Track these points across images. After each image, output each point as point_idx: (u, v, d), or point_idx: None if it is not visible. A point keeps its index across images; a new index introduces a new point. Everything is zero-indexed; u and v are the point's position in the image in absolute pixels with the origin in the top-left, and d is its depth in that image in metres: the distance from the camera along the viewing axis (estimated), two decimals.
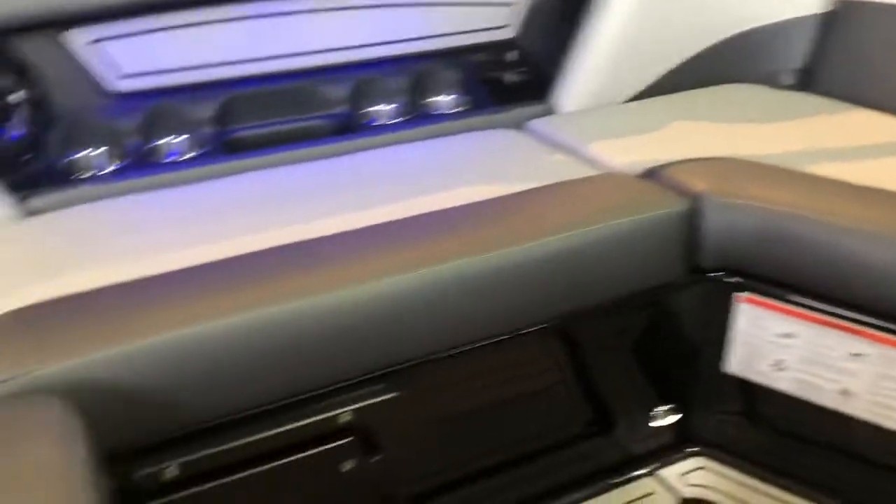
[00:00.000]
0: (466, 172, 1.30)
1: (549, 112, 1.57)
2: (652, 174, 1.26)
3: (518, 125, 1.53)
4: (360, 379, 1.00)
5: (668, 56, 1.64)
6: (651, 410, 1.32)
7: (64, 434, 0.72)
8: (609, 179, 1.24)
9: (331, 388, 0.97)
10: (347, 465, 1.03)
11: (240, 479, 0.96)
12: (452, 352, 1.06)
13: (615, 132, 1.43)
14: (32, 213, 1.21)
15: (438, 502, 1.18)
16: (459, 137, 1.46)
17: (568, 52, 1.60)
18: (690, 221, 1.15)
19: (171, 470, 0.92)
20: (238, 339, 0.88)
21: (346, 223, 1.10)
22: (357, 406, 1.01)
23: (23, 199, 1.21)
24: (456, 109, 1.61)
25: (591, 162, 1.32)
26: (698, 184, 1.19)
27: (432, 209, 1.14)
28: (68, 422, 0.74)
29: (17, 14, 1.15)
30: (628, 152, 1.33)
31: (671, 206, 1.15)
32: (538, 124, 1.50)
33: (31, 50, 1.30)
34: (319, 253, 1.02)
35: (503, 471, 1.23)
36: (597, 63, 1.57)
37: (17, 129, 1.28)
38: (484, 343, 1.08)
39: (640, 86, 1.62)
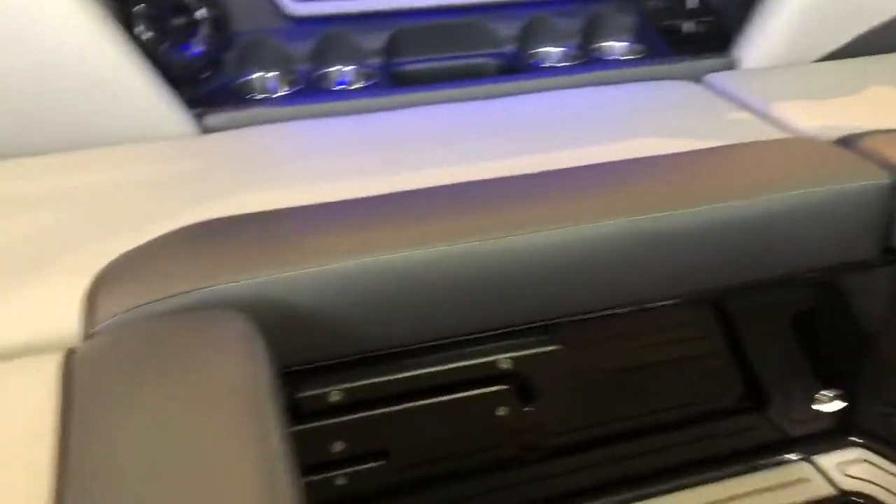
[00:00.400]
0: (641, 124, 1.23)
1: (731, 66, 1.47)
2: (848, 142, 1.15)
3: (696, 78, 1.44)
4: (523, 328, 0.97)
5: (867, 15, 1.49)
6: (813, 394, 1.24)
7: (248, 349, 0.73)
8: (801, 144, 1.15)
9: (494, 332, 0.95)
10: (501, 411, 1.01)
11: (396, 411, 0.97)
12: (615, 311, 1.02)
13: (806, 93, 1.32)
14: (207, 130, 1.24)
15: (581, 458, 1.16)
16: (632, 87, 1.39)
17: (754, 3, 1.49)
18: (891, 196, 1.05)
19: (334, 395, 0.93)
20: (413, 272, 0.86)
21: (516, 167, 1.06)
22: (517, 354, 0.99)
23: (199, 115, 1.24)
24: (629, 57, 1.53)
25: (778, 124, 1.23)
26: None
27: (604, 159, 1.09)
28: (252, 337, 0.75)
29: None
30: (822, 116, 1.23)
31: (871, 178, 1.05)
32: (718, 78, 1.41)
33: None
34: (492, 195, 0.99)
35: (649, 435, 1.20)
36: (788, 17, 1.45)
37: (197, 46, 1.31)
38: (647, 307, 1.03)
39: (834, 45, 1.49)
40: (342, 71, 1.43)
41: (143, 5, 1.22)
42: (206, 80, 1.33)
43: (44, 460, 0.59)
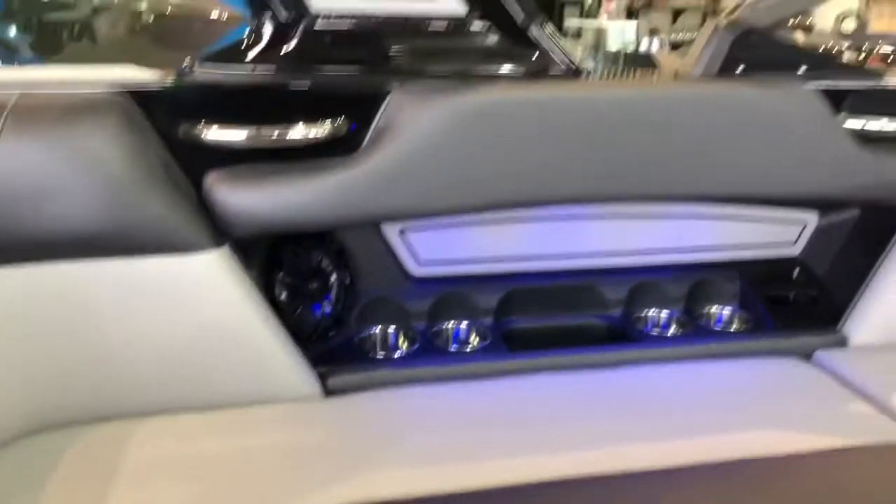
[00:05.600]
0: (754, 411, 1.24)
1: (840, 342, 1.48)
2: None
3: (803, 353, 1.45)
4: None
5: None
6: None
7: None
8: None
9: None
10: None
11: None
12: None
13: None
14: (331, 390, 1.30)
15: None
16: (741, 363, 1.41)
17: (861, 279, 1.52)
18: None
19: None
20: None
21: (627, 456, 1.09)
22: None
23: (323, 375, 1.30)
24: (736, 328, 1.57)
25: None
26: None
27: (718, 456, 1.09)
28: None
29: (355, 215, 1.28)
30: None
31: None
32: (830, 357, 1.42)
33: (351, 238, 1.43)
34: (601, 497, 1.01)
35: None
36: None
37: (327, 307, 1.40)
38: None
39: None
40: (457, 329, 1.50)
41: (283, 273, 1.33)
42: (331, 339, 1.41)
43: None
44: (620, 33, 7.15)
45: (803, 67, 1.42)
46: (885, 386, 1.30)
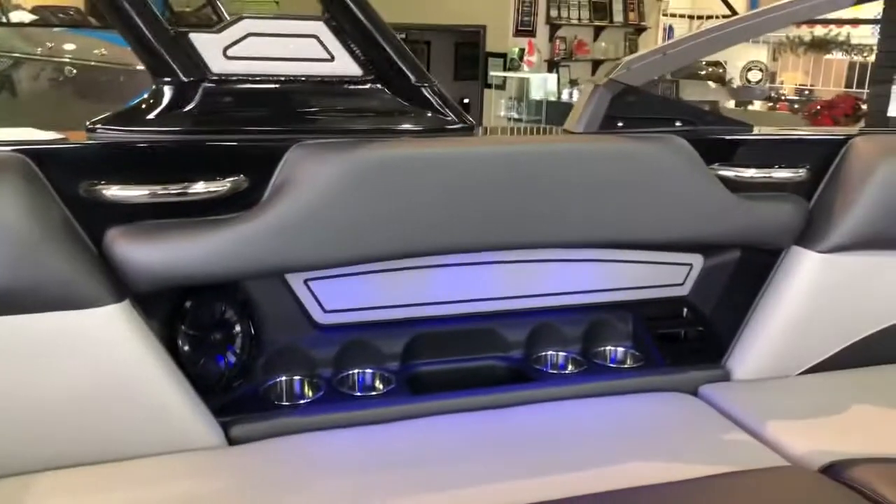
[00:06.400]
0: (641, 444, 1.32)
1: (724, 377, 1.58)
2: (835, 470, 1.23)
3: (692, 388, 1.55)
4: None
5: (846, 331, 1.63)
6: None
7: None
8: (791, 476, 1.23)
9: None
10: None
11: None
12: None
13: (795, 411, 1.42)
14: (234, 439, 1.33)
15: None
16: (632, 399, 1.49)
17: (743, 316, 1.63)
18: None
19: None
20: None
21: (525, 492, 1.14)
22: None
23: (226, 424, 1.33)
24: (629, 365, 1.66)
25: (770, 445, 1.32)
26: (889, 492, 1.15)
27: (607, 486, 1.16)
28: None
29: (255, 267, 1.32)
30: (810, 438, 1.32)
31: None
32: (713, 392, 1.51)
33: (255, 288, 1.47)
34: None
35: None
36: (775, 331, 1.58)
37: (231, 357, 1.43)
38: None
39: (818, 358, 1.61)
40: (362, 374, 1.55)
41: (186, 325, 1.36)
42: (237, 388, 1.44)
43: None
44: (543, 83, 7.41)
45: (678, 122, 1.54)
46: (760, 417, 1.39)
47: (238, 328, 1.44)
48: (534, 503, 1.13)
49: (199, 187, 1.27)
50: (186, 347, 1.37)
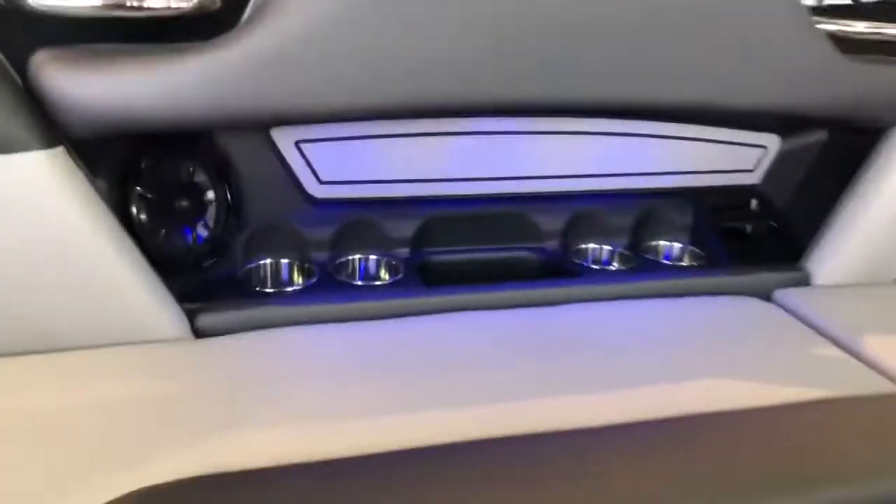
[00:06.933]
0: (711, 356, 1.05)
1: (803, 281, 1.30)
2: None
3: (762, 292, 1.27)
4: None
5: None
6: None
7: None
8: None
9: None
10: None
11: None
12: None
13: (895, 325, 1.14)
14: (202, 331, 1.06)
15: None
16: (693, 302, 1.21)
17: (826, 211, 1.34)
18: None
19: None
20: None
21: (560, 413, 0.88)
22: None
23: (193, 313, 1.06)
24: (685, 263, 1.37)
25: (871, 364, 1.05)
26: None
27: (668, 410, 0.90)
28: None
29: (225, 113, 1.02)
30: None
31: None
32: (793, 297, 1.23)
33: (235, 147, 1.18)
34: (529, 460, 0.80)
35: None
36: (866, 231, 1.29)
37: (202, 231, 1.15)
38: None
39: None
40: (364, 261, 1.27)
41: (140, 187, 1.07)
42: (209, 269, 1.17)
43: None
44: None
45: None
46: (855, 329, 1.12)
47: (211, 195, 1.16)
48: (576, 428, 0.86)
49: (158, 1, 0.96)
50: (143, 215, 1.08)
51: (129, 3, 0.95)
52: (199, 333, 1.05)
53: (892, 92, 1.21)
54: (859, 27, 1.21)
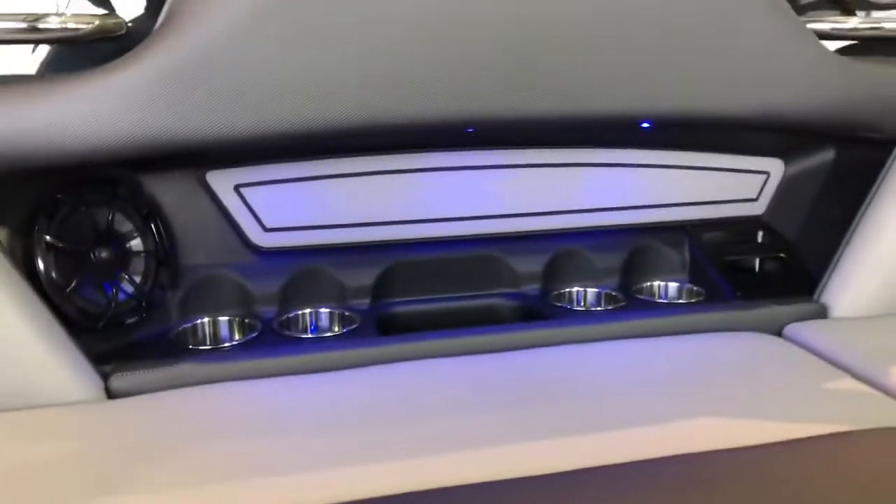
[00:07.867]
0: (716, 390, 0.88)
1: (819, 314, 1.13)
2: None
3: (775, 328, 1.10)
4: None
5: None
6: None
7: None
8: None
9: None
10: None
11: None
12: None
13: None
14: (119, 393, 0.92)
15: None
16: (696, 339, 1.05)
17: (840, 237, 1.18)
18: None
19: None
20: None
21: (545, 459, 0.72)
22: None
23: (106, 374, 0.92)
24: (683, 300, 1.21)
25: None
26: None
27: (672, 449, 0.74)
28: None
29: (127, 141, 0.91)
30: None
31: None
32: (806, 331, 1.06)
33: (164, 190, 1.07)
34: None
35: None
36: (886, 258, 1.13)
37: (125, 285, 1.03)
38: None
39: None
40: (314, 314, 1.14)
41: (50, 235, 0.96)
42: (136, 327, 1.04)
43: None
44: None
45: None
46: (877, 362, 0.94)
47: (137, 244, 1.04)
48: (562, 471, 0.70)
49: (53, 21, 0.87)
50: (51, 267, 0.96)
51: (21, 28, 0.86)
52: (113, 395, 0.92)
53: (891, 92, 1.07)
54: (853, 23, 1.09)
